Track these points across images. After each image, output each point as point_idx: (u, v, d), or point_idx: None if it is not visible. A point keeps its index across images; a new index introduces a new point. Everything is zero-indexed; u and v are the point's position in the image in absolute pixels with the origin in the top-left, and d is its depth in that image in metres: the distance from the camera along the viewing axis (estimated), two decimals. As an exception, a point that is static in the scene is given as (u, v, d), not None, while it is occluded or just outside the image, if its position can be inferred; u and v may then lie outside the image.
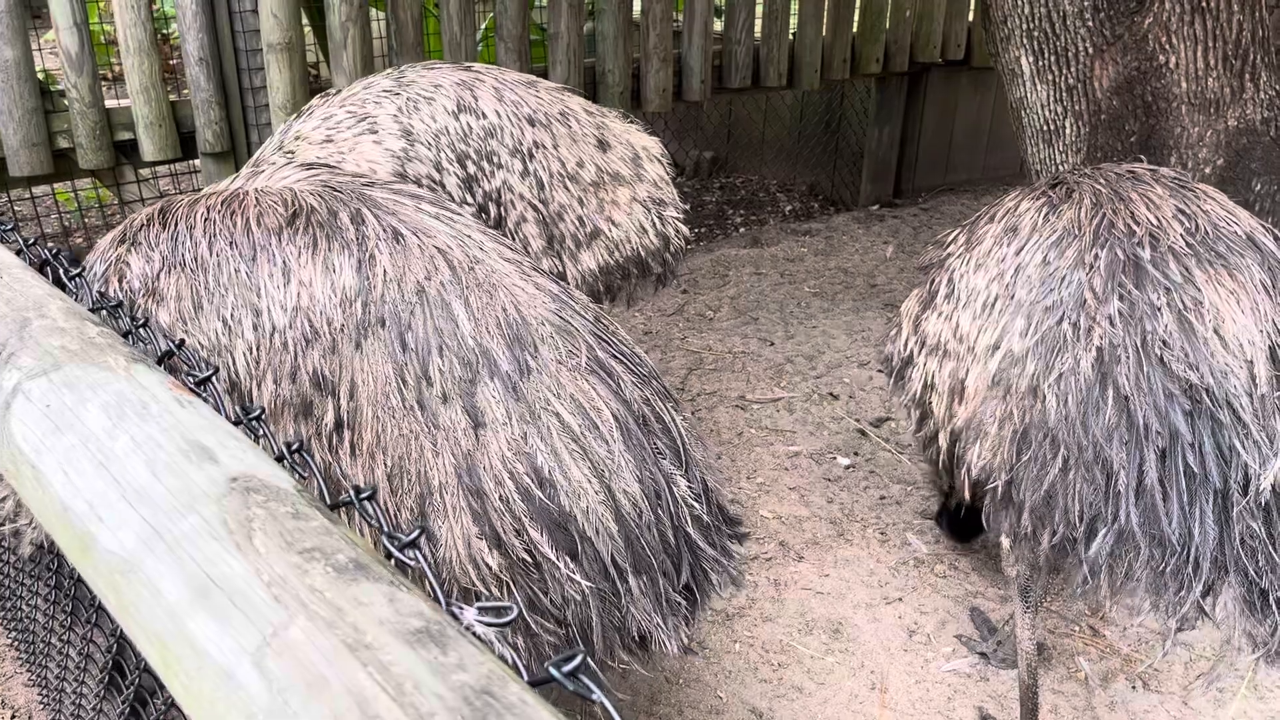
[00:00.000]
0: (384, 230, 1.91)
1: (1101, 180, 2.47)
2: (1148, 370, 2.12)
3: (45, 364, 1.20)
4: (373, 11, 5.36)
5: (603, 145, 3.52)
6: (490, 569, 1.74)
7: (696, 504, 1.92)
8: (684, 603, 1.93)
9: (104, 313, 1.54)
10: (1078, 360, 2.18)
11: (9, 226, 1.78)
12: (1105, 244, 2.28)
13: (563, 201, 3.37)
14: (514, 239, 3.27)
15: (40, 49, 4.51)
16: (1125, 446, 2.09)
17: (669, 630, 1.85)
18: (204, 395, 1.27)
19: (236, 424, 1.19)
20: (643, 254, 3.58)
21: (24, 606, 2.82)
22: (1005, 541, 2.44)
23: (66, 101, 4.27)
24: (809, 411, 4.50)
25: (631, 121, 3.79)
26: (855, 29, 6.39)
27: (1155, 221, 2.30)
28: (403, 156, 3.12)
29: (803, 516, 3.77)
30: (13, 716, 2.91)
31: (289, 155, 3.12)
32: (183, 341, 1.39)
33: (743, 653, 3.14)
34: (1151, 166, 2.59)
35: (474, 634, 0.93)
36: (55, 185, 6.27)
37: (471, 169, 3.20)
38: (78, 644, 2.35)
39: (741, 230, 6.89)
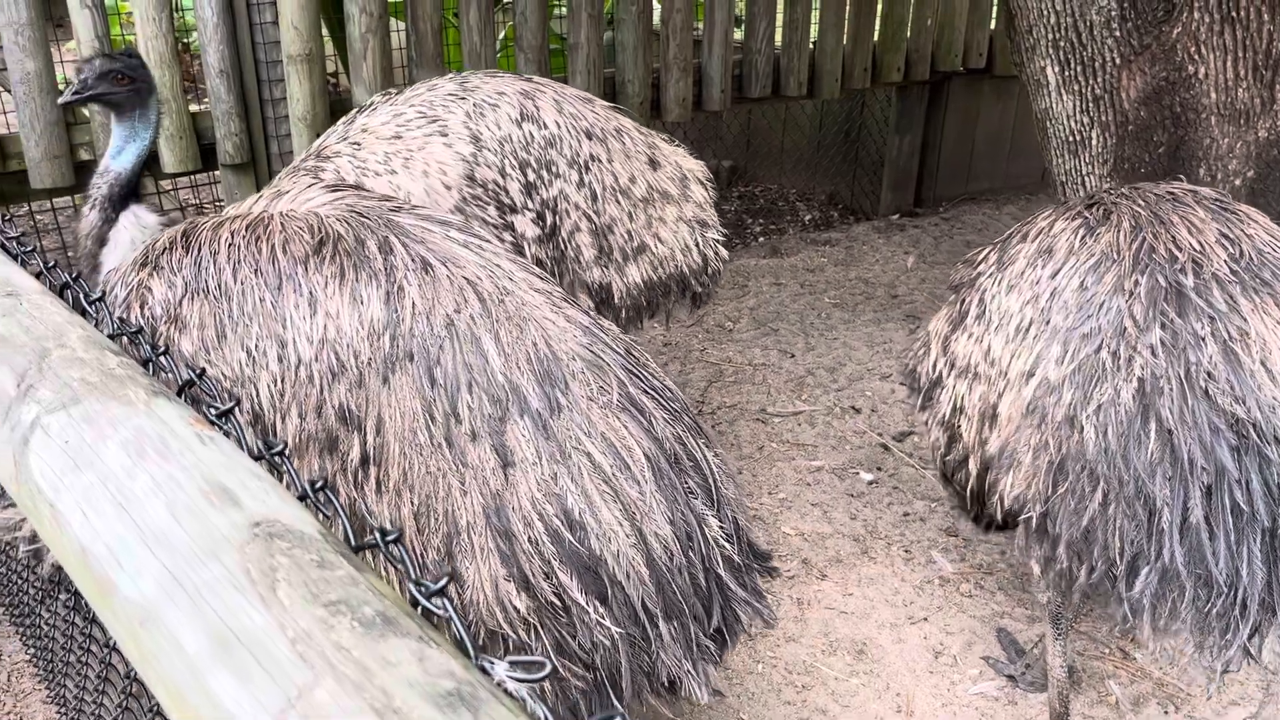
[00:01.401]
0: (413, 260, 1.88)
1: (1140, 201, 2.41)
2: (1192, 403, 2.05)
3: (64, 397, 1.17)
4: (394, 22, 5.35)
5: (654, 164, 3.57)
6: (518, 612, 1.70)
7: (728, 544, 1.88)
8: (714, 646, 1.89)
9: (124, 340, 1.52)
10: (1118, 391, 2.12)
11: (30, 248, 1.76)
12: (1146, 270, 2.22)
13: (614, 214, 3.41)
14: (567, 247, 3.31)
15: (62, 60, 4.51)
16: (1169, 482, 2.03)
17: (699, 676, 1.81)
18: (225, 428, 1.24)
19: (258, 459, 1.16)
20: (685, 272, 3.63)
21: (43, 624, 2.81)
22: (1036, 568, 2.39)
23: (88, 113, 4.27)
24: (831, 425, 4.45)
25: (678, 145, 3.81)
26: (876, 38, 6.34)
27: (1198, 246, 2.23)
28: (471, 161, 3.17)
29: (825, 533, 3.72)
30: (31, 734, 2.90)
31: (355, 146, 3.16)
32: (203, 372, 1.36)
33: (766, 674, 3.09)
34: (1191, 187, 2.53)
35: (505, 690, 0.89)
36: (78, 196, 6.28)
37: (532, 176, 3.25)
38: (95, 663, 2.33)
39: (761, 240, 6.84)
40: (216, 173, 4.71)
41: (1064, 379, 2.21)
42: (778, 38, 6.00)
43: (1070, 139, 4.34)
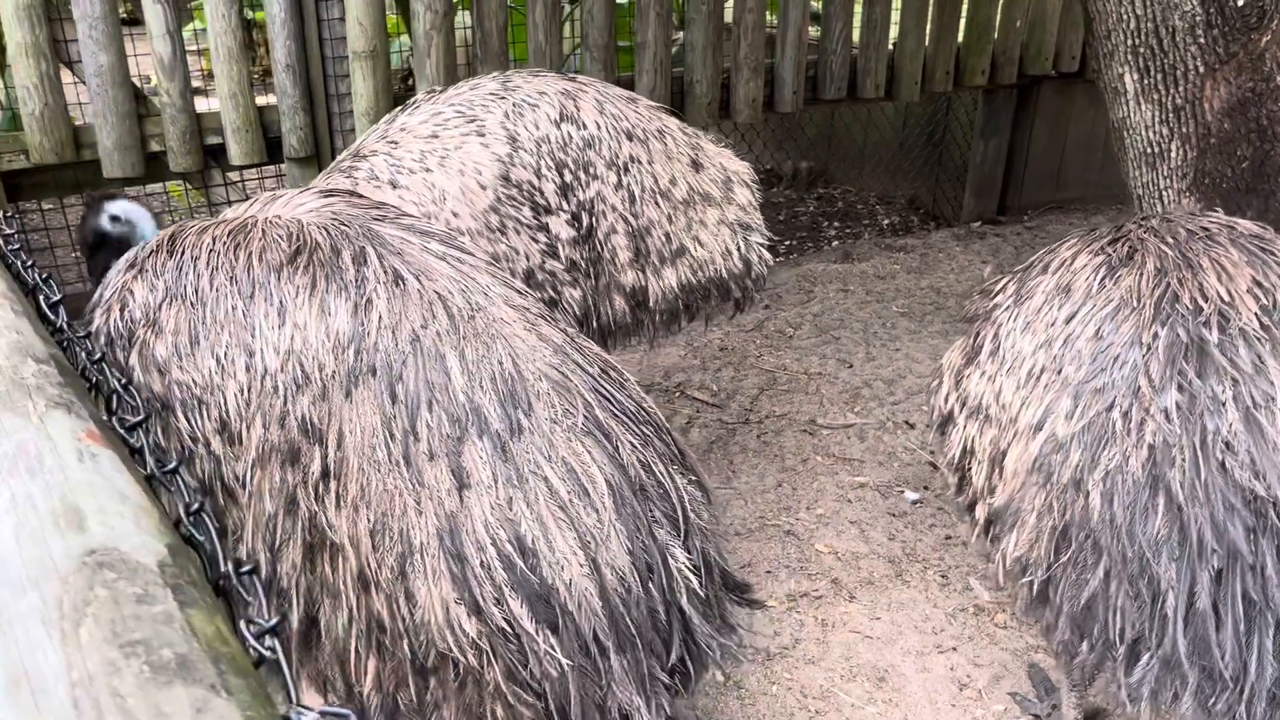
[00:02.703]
0: (385, 272, 1.86)
1: (1169, 239, 2.22)
2: (1206, 476, 1.88)
3: (-33, 406, 1.18)
4: (460, 18, 5.38)
5: (696, 165, 3.52)
6: (468, 636, 1.67)
7: (694, 577, 1.82)
8: (673, 681, 1.83)
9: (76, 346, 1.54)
10: (1126, 457, 1.95)
11: (16, 246, 1.80)
12: (1166, 321, 2.03)
13: (652, 217, 3.37)
14: (603, 249, 3.28)
15: (136, 54, 4.66)
16: (1175, 563, 1.87)
17: (651, 713, 1.75)
18: (133, 442, 1.24)
19: (149, 479, 1.15)
20: (725, 276, 3.57)
21: None
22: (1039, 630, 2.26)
23: (159, 105, 4.40)
24: (881, 440, 4.33)
25: (725, 145, 3.74)
26: (960, 39, 6.13)
27: (1226, 296, 2.04)
28: (507, 161, 3.17)
29: (860, 553, 3.61)
30: None
31: (393, 145, 3.19)
32: (128, 382, 1.36)
33: (780, 696, 3.01)
34: (1229, 220, 2.32)
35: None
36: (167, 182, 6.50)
37: (569, 177, 3.23)
38: None
39: (834, 244, 6.70)
40: (282, 166, 4.81)
41: (1072, 437, 2.05)
42: (855, 37, 5.85)
43: (1148, 151, 4.12)
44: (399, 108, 3.40)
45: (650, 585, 1.74)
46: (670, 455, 1.90)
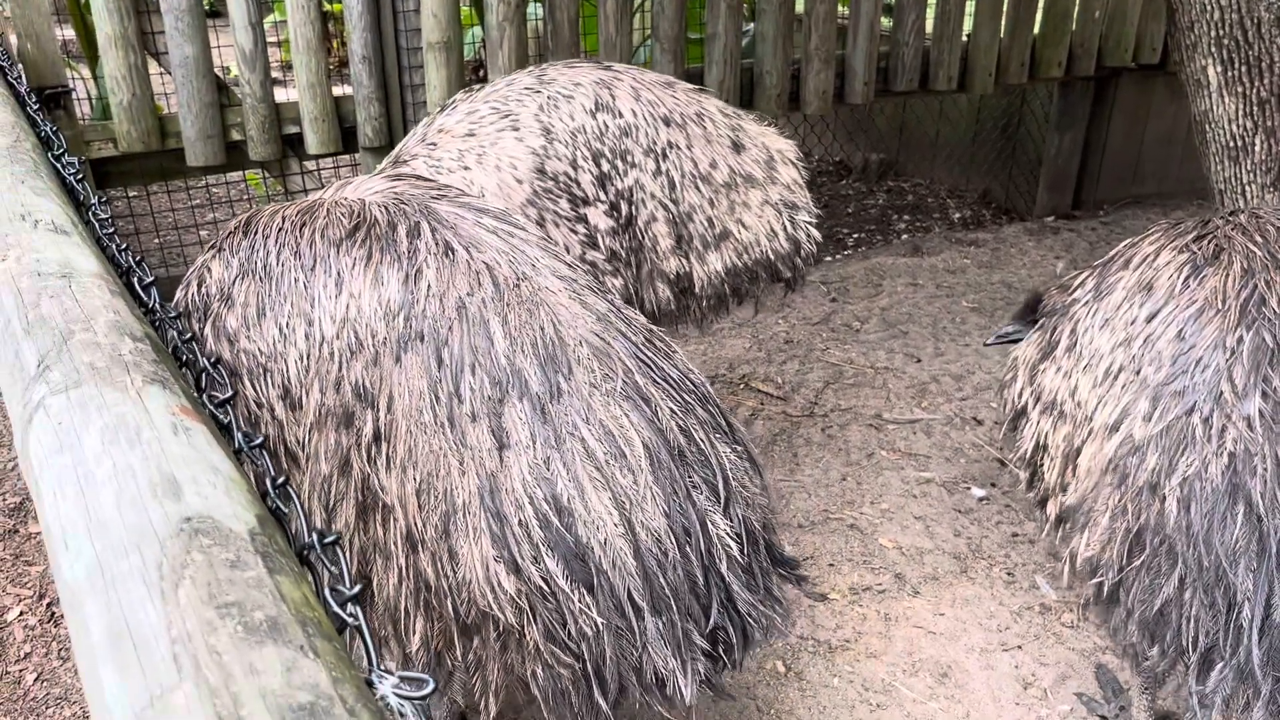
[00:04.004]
0: (436, 244, 1.92)
1: (1258, 238, 2.16)
2: None
3: (69, 380, 1.25)
4: (533, 9, 5.44)
5: (737, 147, 3.49)
6: (507, 594, 1.72)
7: (734, 544, 1.83)
8: (714, 649, 1.84)
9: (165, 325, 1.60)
10: (1205, 463, 1.92)
11: (111, 230, 1.88)
12: (1252, 325, 1.99)
13: (693, 202, 3.37)
14: (644, 237, 3.29)
15: (219, 45, 4.79)
16: (1253, 574, 1.84)
17: (686, 677, 1.77)
18: (223, 418, 1.29)
19: (238, 452, 1.20)
20: (771, 257, 3.54)
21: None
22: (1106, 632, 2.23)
23: (239, 96, 4.52)
24: (948, 436, 4.29)
25: (769, 123, 3.72)
26: (1037, 30, 6.03)
27: None
28: (542, 154, 3.18)
29: (925, 549, 3.59)
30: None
31: (431, 146, 3.23)
32: (218, 360, 1.42)
33: (841, 689, 3.01)
34: None
35: (387, 704, 0.90)
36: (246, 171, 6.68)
37: (605, 167, 3.23)
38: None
39: (904, 237, 6.64)
40: (357, 155, 4.90)
41: (1150, 440, 2.02)
42: (928, 29, 5.79)
43: (1230, 144, 4.02)
44: (438, 109, 3.44)
45: (688, 549, 1.77)
46: (714, 424, 1.92)
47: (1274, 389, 1.92)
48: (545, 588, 1.71)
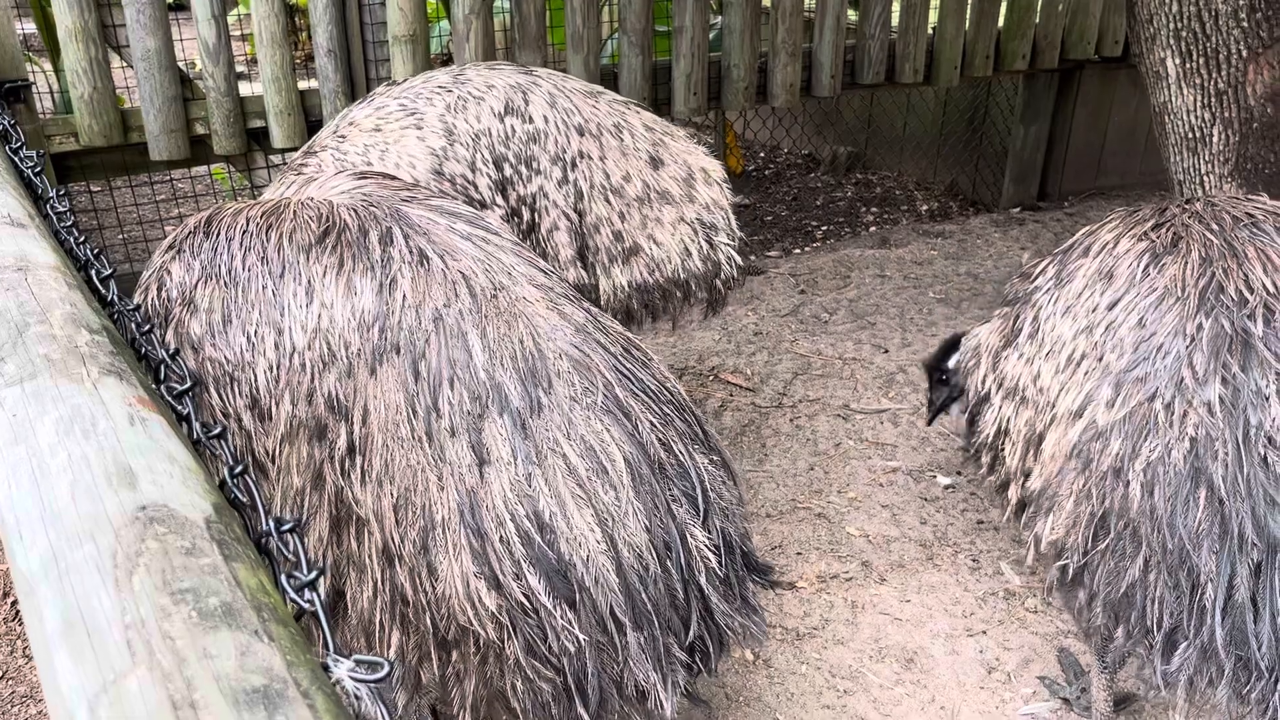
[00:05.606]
0: (410, 252, 1.90)
1: (1214, 226, 2.20)
2: (1248, 470, 1.88)
3: (24, 372, 1.24)
4: (500, 2, 5.42)
5: (655, 162, 3.44)
6: (488, 609, 1.71)
7: (713, 556, 1.84)
8: (691, 659, 1.85)
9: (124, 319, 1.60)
10: (1168, 448, 1.96)
11: (69, 224, 1.86)
12: (1211, 312, 2.03)
13: (601, 214, 3.33)
14: (544, 246, 3.25)
15: (182, 39, 4.74)
16: (1215, 555, 1.88)
17: (667, 690, 1.78)
18: (180, 409, 1.29)
19: (196, 443, 1.20)
20: (684, 276, 3.48)
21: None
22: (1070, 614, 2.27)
23: (204, 89, 4.48)
24: (915, 425, 4.33)
25: (697, 142, 3.70)
26: (1001, 23, 6.08)
27: (1272, 288, 2.03)
28: (441, 155, 3.15)
29: (892, 536, 3.63)
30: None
31: (340, 139, 3.21)
32: (176, 352, 1.41)
33: (809, 675, 3.04)
34: (1274, 206, 2.28)
35: (342, 688, 0.91)
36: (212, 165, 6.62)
37: (508, 171, 3.20)
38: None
39: (872, 229, 6.68)
40: (323, 149, 4.87)
41: (1112, 425, 2.05)
42: (894, 21, 5.82)
43: (1190, 135, 4.07)
44: (356, 101, 3.41)
45: (668, 563, 1.77)
46: (692, 435, 1.92)
47: (1233, 375, 1.96)
48: (527, 604, 1.70)
